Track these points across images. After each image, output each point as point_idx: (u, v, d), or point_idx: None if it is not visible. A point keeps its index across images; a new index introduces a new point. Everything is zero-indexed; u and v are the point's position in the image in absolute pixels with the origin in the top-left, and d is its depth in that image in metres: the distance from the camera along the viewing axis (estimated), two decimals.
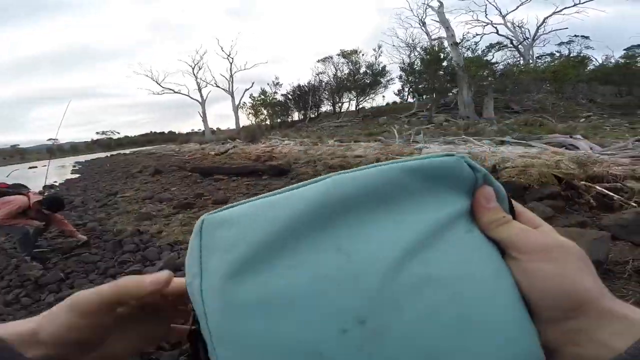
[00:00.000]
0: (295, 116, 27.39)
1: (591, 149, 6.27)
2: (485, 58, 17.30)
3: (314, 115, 25.90)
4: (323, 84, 25.84)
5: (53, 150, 11.02)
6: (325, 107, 26.95)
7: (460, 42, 17.34)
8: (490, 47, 18.96)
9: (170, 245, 3.70)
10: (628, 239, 3.05)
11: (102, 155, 24.36)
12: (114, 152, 25.93)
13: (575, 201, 3.96)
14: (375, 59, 24.00)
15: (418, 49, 20.00)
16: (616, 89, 16.90)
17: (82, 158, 23.96)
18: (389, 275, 0.21)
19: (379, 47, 23.63)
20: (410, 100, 22.91)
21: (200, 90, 28.58)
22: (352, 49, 24.62)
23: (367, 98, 25.13)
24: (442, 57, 17.58)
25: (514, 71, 16.93)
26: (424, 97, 20.39)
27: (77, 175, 12.88)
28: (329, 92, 25.79)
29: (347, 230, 0.23)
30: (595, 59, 20.18)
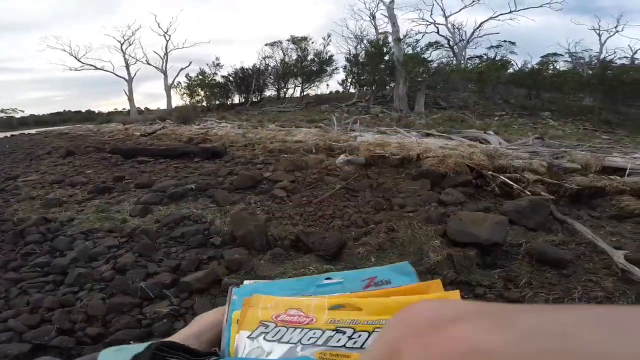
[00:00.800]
0: (236, 99, 26.44)
1: (500, 143, 7.13)
2: (423, 56, 18.41)
3: (256, 99, 25.26)
4: (269, 68, 25.29)
5: None
6: (270, 92, 26.52)
7: (402, 39, 18.18)
8: (430, 45, 20.22)
9: (84, 233, 3.38)
10: (522, 224, 3.55)
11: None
12: (16, 132, 21.99)
13: (483, 189, 4.49)
14: (324, 47, 24.21)
15: (365, 41, 20.58)
16: (527, 92, 19.29)
17: None
18: None
19: (329, 36, 23.80)
20: (352, 90, 23.57)
21: (128, 67, 25.92)
22: (302, 35, 24.40)
23: (312, 85, 25.31)
24: (385, 51, 18.30)
25: (446, 70, 18.34)
26: (365, 88, 21.16)
27: None
28: (275, 76, 25.32)
29: None
30: (516, 64, 22.64)
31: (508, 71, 20.27)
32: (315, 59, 24.44)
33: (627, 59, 19.95)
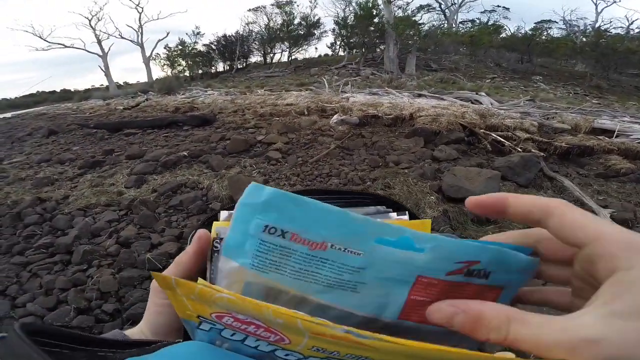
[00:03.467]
0: (220, 67, 25.75)
1: (491, 104, 7.13)
2: (413, 18, 17.93)
3: (241, 66, 24.61)
4: (253, 34, 24.63)
5: None
6: (255, 58, 25.91)
7: (393, 1, 17.59)
8: (420, 8, 19.69)
9: (82, 210, 3.32)
10: (513, 180, 3.63)
11: None
12: None
13: (475, 146, 4.54)
14: (311, 10, 23.54)
15: (353, 3, 19.95)
16: (520, 57, 19.09)
17: None
18: None
19: None
20: (341, 53, 23.11)
21: (100, 42, 24.74)
22: None
23: (300, 49, 24.72)
24: (374, 13, 17.82)
25: (437, 33, 17.95)
26: (354, 50, 20.78)
27: None
28: (260, 42, 24.67)
29: None
30: (508, 29, 22.29)
31: (500, 35, 19.95)
32: (302, 22, 23.71)
33: (623, 28, 19.79)
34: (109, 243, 2.66)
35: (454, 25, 21.82)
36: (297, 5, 24.09)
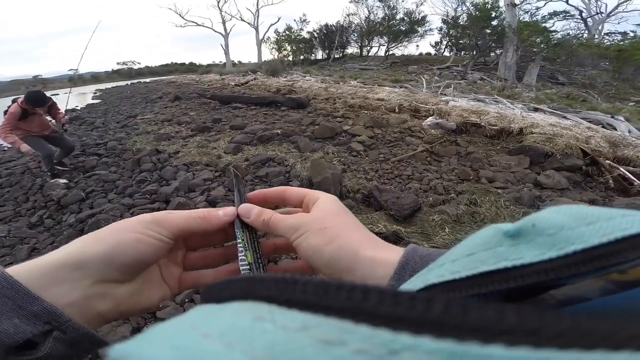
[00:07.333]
0: (319, 55, 26.69)
1: (629, 132, 5.84)
2: (543, 24, 15.75)
3: (338, 56, 25.05)
4: (353, 25, 24.85)
5: (74, 79, 10.94)
6: (352, 49, 26.12)
7: (518, 4, 15.70)
8: (554, 14, 17.09)
9: (186, 165, 3.81)
10: None
11: (122, 83, 23.92)
12: (135, 81, 25.56)
13: (594, 178, 3.82)
14: (417, 7, 22.53)
15: (467, 3, 18.45)
16: None
17: (103, 86, 23.07)
18: None
19: None
20: (446, 53, 21.65)
21: (224, 23, 27.72)
22: None
23: (399, 45, 23.85)
24: (493, 15, 16.25)
25: (573, 43, 15.41)
26: (463, 52, 19.24)
27: (98, 101, 12.68)
28: (358, 34, 24.76)
29: None
30: None
31: None
32: (405, 18, 22.83)
33: None
34: (200, 199, 2.95)
35: (596, 36, 18.40)
36: (402, 1, 23.19)
